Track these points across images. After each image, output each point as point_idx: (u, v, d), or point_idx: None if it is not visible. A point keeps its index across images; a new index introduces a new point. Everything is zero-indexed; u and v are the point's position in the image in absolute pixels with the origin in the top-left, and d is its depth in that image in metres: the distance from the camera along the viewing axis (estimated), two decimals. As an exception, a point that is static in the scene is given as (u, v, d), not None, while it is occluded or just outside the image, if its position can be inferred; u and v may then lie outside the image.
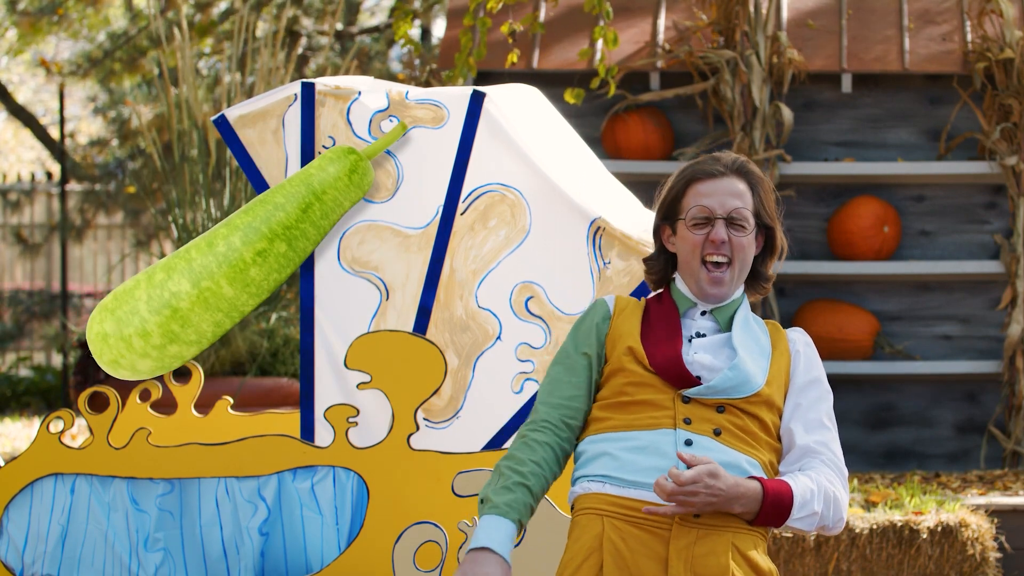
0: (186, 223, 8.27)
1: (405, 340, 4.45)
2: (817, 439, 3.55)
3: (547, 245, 4.66)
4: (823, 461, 3.54)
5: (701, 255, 3.59)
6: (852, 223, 8.26)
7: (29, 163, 20.64)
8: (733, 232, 3.58)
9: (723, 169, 3.62)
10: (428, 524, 4.33)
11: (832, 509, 3.50)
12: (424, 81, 8.73)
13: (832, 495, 3.50)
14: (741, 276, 3.63)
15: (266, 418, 5.16)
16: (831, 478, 3.52)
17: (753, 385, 3.51)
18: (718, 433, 3.47)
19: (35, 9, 14.18)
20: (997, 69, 8.20)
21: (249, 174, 4.80)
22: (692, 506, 3.38)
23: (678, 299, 3.65)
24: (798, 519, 3.46)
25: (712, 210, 3.59)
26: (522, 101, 4.89)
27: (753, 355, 3.56)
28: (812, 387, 3.62)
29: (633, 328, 3.61)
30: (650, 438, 3.47)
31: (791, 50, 8.18)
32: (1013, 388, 8.19)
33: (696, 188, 3.62)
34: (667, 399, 3.50)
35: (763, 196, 3.64)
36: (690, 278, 3.63)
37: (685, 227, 3.61)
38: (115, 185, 14.17)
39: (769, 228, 3.66)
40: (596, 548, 3.46)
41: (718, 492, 3.37)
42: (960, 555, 6.53)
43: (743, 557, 3.45)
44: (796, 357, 3.62)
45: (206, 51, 13.57)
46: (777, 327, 3.68)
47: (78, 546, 4.47)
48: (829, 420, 3.60)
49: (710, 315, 3.62)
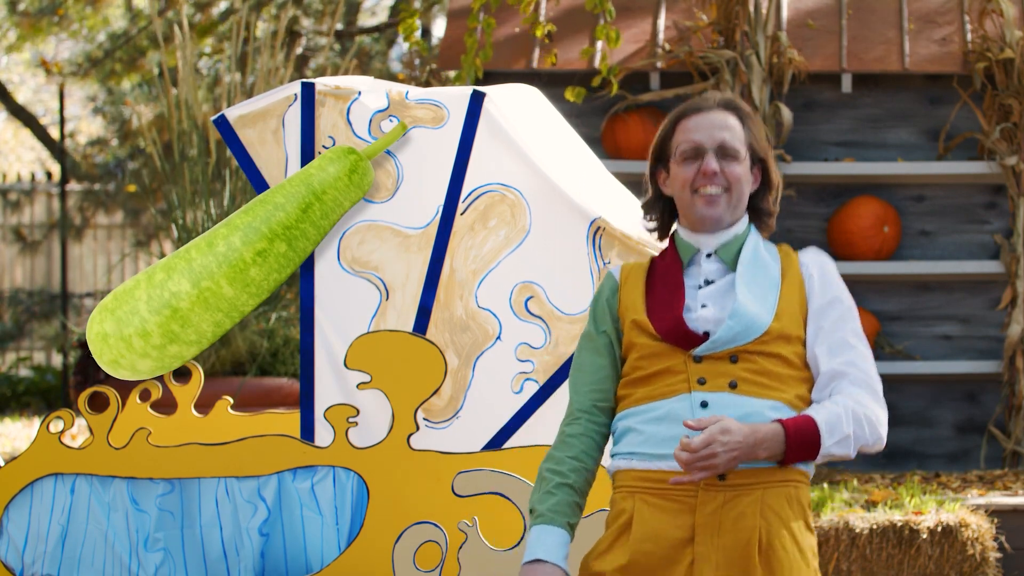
0: (186, 223, 8.27)
1: (405, 340, 4.45)
2: (843, 360, 3.47)
3: (547, 245, 4.66)
4: (851, 381, 3.46)
5: (692, 187, 3.53)
6: (852, 223, 8.26)
7: (29, 163, 20.63)
8: (725, 163, 3.53)
9: (711, 105, 3.58)
10: (428, 524, 4.33)
11: (867, 428, 3.41)
12: (424, 81, 8.73)
13: (862, 415, 3.41)
14: (738, 205, 3.57)
15: (266, 418, 5.16)
16: (859, 398, 3.44)
17: (759, 326, 3.45)
18: (734, 386, 3.42)
19: (35, 9, 14.18)
20: (997, 69, 8.20)
21: (249, 174, 4.80)
22: (716, 467, 3.32)
23: (681, 248, 3.59)
24: (831, 446, 3.38)
25: (701, 143, 3.54)
26: (522, 101, 4.89)
27: (758, 292, 3.49)
28: (831, 308, 3.53)
29: (637, 298, 3.57)
30: (668, 407, 3.43)
31: (791, 50, 8.18)
32: (1013, 388, 8.19)
33: (684, 124, 3.58)
34: (679, 363, 3.46)
35: (754, 130, 3.59)
36: (686, 215, 3.58)
37: (676, 164, 3.56)
38: (115, 185, 14.17)
39: (763, 162, 3.60)
40: (627, 526, 3.45)
41: (735, 445, 3.32)
42: (960, 555, 6.53)
43: (775, 514, 3.40)
44: (809, 281, 3.54)
45: (206, 51, 13.57)
46: (789, 253, 3.61)
47: (78, 546, 4.47)
48: (855, 337, 3.51)
49: (716, 256, 3.56)
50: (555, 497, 3.49)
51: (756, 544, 3.38)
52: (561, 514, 3.48)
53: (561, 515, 3.48)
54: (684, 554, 3.40)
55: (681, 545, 3.40)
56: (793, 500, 3.44)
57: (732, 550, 3.38)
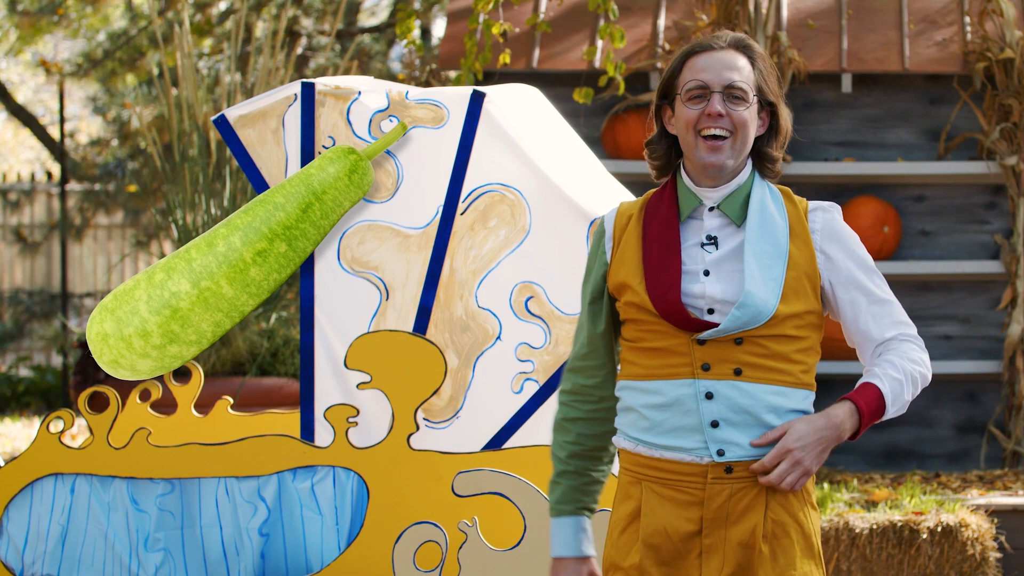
0: (186, 223, 8.27)
1: (405, 340, 4.45)
2: (889, 323, 3.48)
3: (547, 245, 4.66)
4: (900, 340, 3.47)
5: (696, 128, 3.43)
6: (852, 223, 8.26)
7: (29, 163, 20.64)
8: (731, 106, 3.42)
9: (721, 44, 3.47)
10: (428, 524, 4.33)
11: (919, 384, 3.46)
12: (424, 81, 8.73)
13: (918, 375, 3.44)
14: (742, 151, 3.46)
15: (266, 418, 5.16)
16: (912, 354, 3.45)
17: (766, 312, 3.38)
18: (739, 372, 3.38)
19: (35, 9, 14.18)
20: (997, 69, 8.20)
21: (249, 174, 4.80)
22: (809, 470, 3.34)
23: (682, 196, 3.48)
24: (893, 412, 3.42)
25: (708, 83, 3.42)
26: (522, 101, 4.89)
27: (766, 263, 3.41)
28: (858, 275, 3.49)
29: (634, 265, 3.46)
30: (672, 393, 3.39)
31: (791, 50, 8.18)
32: (1013, 388, 8.19)
33: (693, 63, 3.46)
34: (682, 344, 3.39)
35: (764, 72, 3.48)
36: (689, 158, 3.47)
37: (681, 103, 3.45)
38: (115, 185, 14.17)
39: (772, 106, 3.50)
40: (636, 516, 3.45)
41: (818, 441, 3.33)
42: (960, 555, 6.53)
43: (779, 504, 3.39)
44: (822, 254, 3.47)
45: (206, 51, 13.56)
46: (796, 203, 3.52)
47: (78, 546, 4.47)
48: (882, 288, 3.51)
49: (719, 211, 3.46)
50: (560, 487, 3.51)
51: (761, 536, 3.39)
52: (568, 503, 3.49)
53: (568, 504, 3.49)
54: (692, 545, 3.40)
55: (689, 537, 3.40)
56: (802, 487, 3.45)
57: (739, 542, 3.39)
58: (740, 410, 3.37)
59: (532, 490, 4.27)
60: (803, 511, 3.44)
